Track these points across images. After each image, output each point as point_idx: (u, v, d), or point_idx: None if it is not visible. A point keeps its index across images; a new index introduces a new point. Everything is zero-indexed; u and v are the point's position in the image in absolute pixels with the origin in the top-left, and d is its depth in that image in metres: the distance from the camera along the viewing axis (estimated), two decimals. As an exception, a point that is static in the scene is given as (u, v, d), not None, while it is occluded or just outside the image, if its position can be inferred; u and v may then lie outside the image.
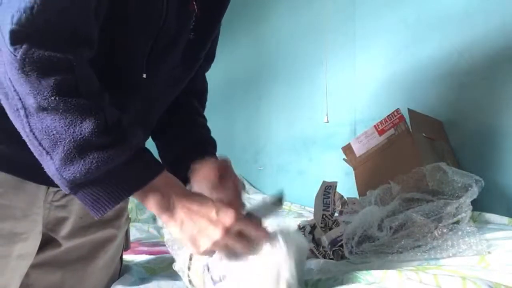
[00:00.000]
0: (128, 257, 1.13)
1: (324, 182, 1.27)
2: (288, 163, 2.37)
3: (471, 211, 0.96)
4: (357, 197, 1.40)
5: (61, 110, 0.53)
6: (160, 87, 0.79)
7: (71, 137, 0.53)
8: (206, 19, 0.80)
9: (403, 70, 1.78)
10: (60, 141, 0.53)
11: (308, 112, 2.23)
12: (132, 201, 2.03)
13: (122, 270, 0.97)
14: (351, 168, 1.53)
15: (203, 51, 0.86)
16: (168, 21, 0.71)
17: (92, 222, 0.86)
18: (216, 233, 0.58)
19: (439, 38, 1.65)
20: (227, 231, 0.58)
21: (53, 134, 0.54)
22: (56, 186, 0.76)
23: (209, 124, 0.97)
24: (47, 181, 0.74)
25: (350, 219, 1.05)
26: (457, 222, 0.93)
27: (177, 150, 0.89)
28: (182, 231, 0.60)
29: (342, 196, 1.35)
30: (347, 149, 1.52)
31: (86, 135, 0.53)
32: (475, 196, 0.98)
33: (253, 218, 0.63)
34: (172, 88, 0.85)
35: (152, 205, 0.60)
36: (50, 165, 0.56)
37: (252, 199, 2.37)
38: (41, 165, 0.57)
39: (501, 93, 1.46)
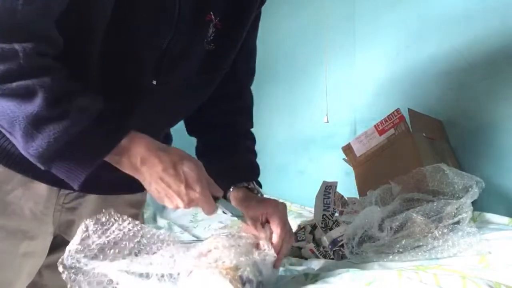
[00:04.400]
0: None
1: (324, 182, 1.27)
2: (288, 163, 2.38)
3: (471, 212, 0.96)
4: (357, 197, 1.40)
5: (9, 94, 0.56)
6: (172, 95, 0.79)
7: (23, 114, 0.56)
8: (228, 32, 0.79)
9: (403, 70, 1.78)
10: (15, 120, 0.57)
11: (308, 112, 2.23)
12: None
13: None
14: (351, 168, 1.53)
15: (224, 63, 0.84)
16: (180, 29, 0.71)
17: None
18: (180, 204, 0.64)
19: (439, 38, 1.65)
20: (189, 203, 0.64)
21: (8, 114, 0.57)
22: (67, 188, 0.76)
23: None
24: (57, 183, 0.74)
25: (351, 219, 1.05)
26: (458, 222, 0.93)
27: (220, 171, 0.89)
28: (150, 191, 0.65)
29: (342, 196, 1.35)
30: (347, 149, 1.52)
31: (36, 109, 0.56)
32: (475, 197, 0.98)
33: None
34: (188, 98, 0.84)
35: (122, 167, 0.63)
36: (18, 145, 0.59)
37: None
38: None
39: (501, 93, 1.46)
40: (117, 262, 0.61)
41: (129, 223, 0.64)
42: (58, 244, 0.81)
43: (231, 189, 0.84)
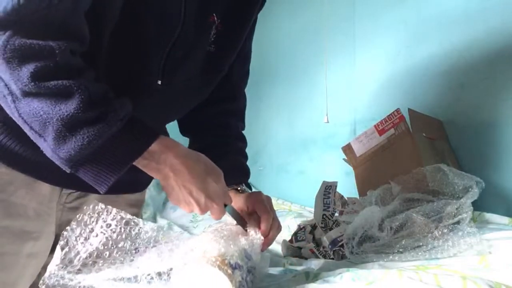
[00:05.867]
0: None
1: (324, 182, 1.27)
2: (288, 163, 2.38)
3: (471, 212, 0.96)
4: (357, 197, 1.40)
5: (44, 93, 0.55)
6: (174, 94, 0.79)
7: (58, 116, 0.55)
8: (228, 33, 0.80)
9: (403, 70, 1.78)
10: (48, 121, 0.55)
11: (308, 112, 2.24)
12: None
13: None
14: (351, 168, 1.53)
15: (223, 65, 0.86)
16: (185, 30, 0.71)
17: None
18: (197, 211, 0.67)
19: (439, 38, 1.65)
20: (206, 211, 0.68)
21: (41, 115, 0.55)
22: (69, 187, 0.77)
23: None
24: (60, 182, 0.74)
25: (351, 219, 1.05)
26: (458, 223, 0.93)
27: None
28: (170, 195, 0.66)
29: (342, 196, 1.35)
30: (347, 149, 1.52)
31: (72, 111, 0.55)
32: (475, 197, 0.98)
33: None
34: (188, 97, 0.85)
35: (148, 170, 0.63)
36: (46, 148, 0.57)
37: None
38: (54, 165, 0.58)
39: (501, 93, 1.46)
40: (103, 272, 0.60)
41: (113, 218, 0.62)
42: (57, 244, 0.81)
43: None
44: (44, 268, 0.81)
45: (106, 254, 0.61)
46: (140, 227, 0.64)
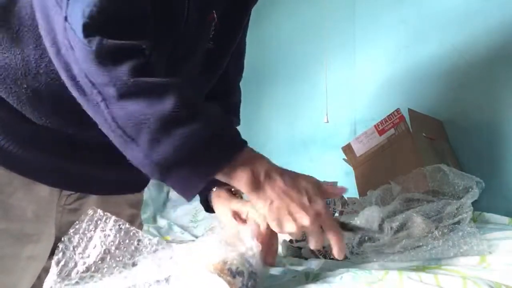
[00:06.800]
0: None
1: (324, 182, 1.27)
2: (288, 163, 2.35)
3: (472, 212, 0.96)
4: (357, 197, 1.40)
5: (141, 92, 0.54)
6: None
7: (154, 116, 0.53)
8: (226, 30, 0.81)
9: (403, 70, 1.78)
10: (144, 123, 0.53)
11: (308, 112, 2.23)
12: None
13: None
14: (351, 168, 1.53)
15: (222, 61, 0.86)
16: (188, 28, 0.72)
17: None
18: (305, 220, 0.59)
19: (439, 38, 1.65)
20: (315, 219, 0.59)
21: (136, 117, 0.53)
22: (68, 188, 0.76)
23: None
24: (59, 184, 0.74)
25: (351, 219, 1.05)
26: (458, 223, 0.93)
27: None
28: (269, 210, 0.60)
29: (342, 196, 1.35)
30: (347, 149, 1.52)
31: (169, 110, 0.53)
32: (476, 198, 0.98)
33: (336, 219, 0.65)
34: None
35: (241, 182, 0.60)
36: (137, 153, 0.55)
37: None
38: (52, 167, 0.57)
39: (501, 93, 1.46)
40: (101, 282, 0.58)
41: (111, 228, 0.59)
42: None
43: (214, 189, 0.84)
44: (45, 271, 0.81)
45: (104, 269, 0.59)
46: (140, 240, 0.61)
